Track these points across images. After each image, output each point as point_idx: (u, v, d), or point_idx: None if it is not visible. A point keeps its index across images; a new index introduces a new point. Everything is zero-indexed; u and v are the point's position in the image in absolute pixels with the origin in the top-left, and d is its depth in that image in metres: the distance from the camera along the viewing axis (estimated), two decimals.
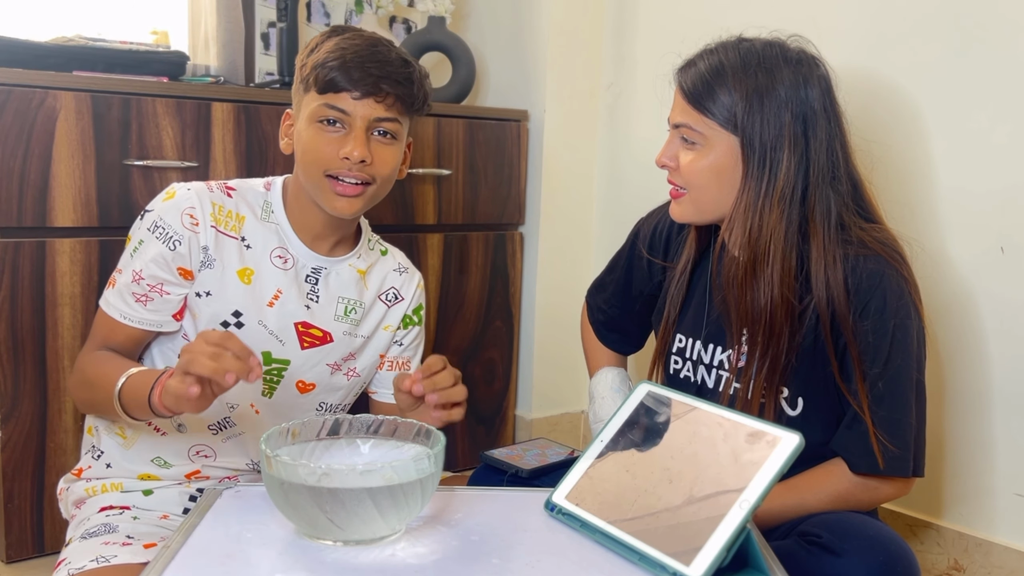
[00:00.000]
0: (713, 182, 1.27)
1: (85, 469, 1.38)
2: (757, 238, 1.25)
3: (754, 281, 1.27)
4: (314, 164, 1.29)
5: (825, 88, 1.27)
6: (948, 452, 1.71)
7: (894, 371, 1.23)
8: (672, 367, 1.43)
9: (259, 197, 1.37)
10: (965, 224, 1.65)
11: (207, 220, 1.30)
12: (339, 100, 1.27)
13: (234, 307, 1.32)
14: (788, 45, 1.29)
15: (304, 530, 0.93)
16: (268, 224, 1.35)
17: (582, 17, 2.28)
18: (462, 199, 2.17)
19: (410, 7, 2.39)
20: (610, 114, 2.32)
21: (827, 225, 1.25)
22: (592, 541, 0.95)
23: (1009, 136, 1.58)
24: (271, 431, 0.97)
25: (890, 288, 1.23)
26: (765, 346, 1.28)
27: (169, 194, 1.31)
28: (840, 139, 1.28)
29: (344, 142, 1.28)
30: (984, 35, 1.60)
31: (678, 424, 0.98)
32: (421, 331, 1.50)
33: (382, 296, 1.44)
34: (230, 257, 1.31)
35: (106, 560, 1.20)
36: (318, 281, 1.37)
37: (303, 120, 1.30)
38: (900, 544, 1.17)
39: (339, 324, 1.39)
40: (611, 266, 1.60)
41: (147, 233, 1.29)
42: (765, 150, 1.24)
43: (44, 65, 1.66)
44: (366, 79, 1.27)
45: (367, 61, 1.27)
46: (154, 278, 1.29)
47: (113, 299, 1.31)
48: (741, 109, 1.23)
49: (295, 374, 1.38)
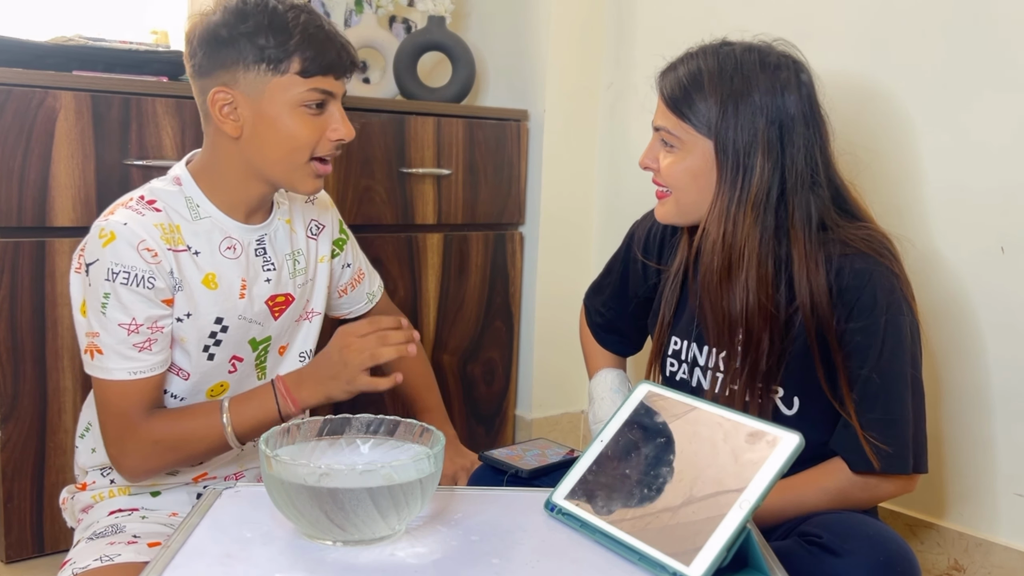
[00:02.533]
0: (692, 184, 1.29)
1: (90, 484, 1.37)
2: (731, 244, 1.26)
3: (729, 287, 1.27)
4: (301, 150, 1.26)
5: (805, 94, 1.27)
6: (948, 452, 1.71)
7: (888, 367, 1.23)
8: (668, 369, 1.44)
9: (178, 198, 1.29)
10: (964, 223, 1.65)
11: (161, 245, 1.24)
12: (327, 83, 1.26)
13: (213, 316, 1.30)
14: (770, 50, 1.29)
15: (304, 530, 0.93)
16: (201, 222, 1.29)
17: (582, 17, 2.28)
18: (462, 199, 2.17)
19: (410, 7, 2.39)
20: (610, 114, 2.32)
21: (808, 230, 1.25)
22: (592, 541, 0.95)
23: (1008, 135, 1.58)
24: (271, 431, 0.98)
25: (880, 285, 1.23)
26: (744, 351, 1.28)
27: (105, 236, 1.22)
28: (820, 144, 1.28)
29: (326, 123, 1.27)
30: (980, 35, 1.60)
31: (678, 424, 0.98)
32: (352, 240, 1.54)
33: (308, 233, 1.44)
34: (190, 272, 1.28)
35: (110, 559, 1.20)
36: (266, 250, 1.36)
37: (279, 104, 1.24)
38: (900, 544, 1.17)
39: (293, 280, 1.39)
40: (607, 269, 1.61)
41: (109, 284, 1.21)
42: (739, 156, 1.25)
43: (44, 65, 1.66)
44: (344, 58, 1.27)
45: (334, 37, 1.26)
46: (150, 319, 1.23)
47: (110, 363, 1.23)
48: (716, 115, 1.25)
49: (275, 344, 1.39)
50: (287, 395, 1.27)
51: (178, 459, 1.29)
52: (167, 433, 1.25)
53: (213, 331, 1.30)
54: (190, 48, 1.27)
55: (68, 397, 1.67)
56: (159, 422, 1.26)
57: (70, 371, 1.67)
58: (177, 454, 1.28)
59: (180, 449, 1.27)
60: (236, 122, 1.25)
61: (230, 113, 1.25)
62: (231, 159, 1.28)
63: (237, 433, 1.26)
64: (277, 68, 1.23)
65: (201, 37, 1.25)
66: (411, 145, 2.07)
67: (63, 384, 1.67)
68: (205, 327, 1.30)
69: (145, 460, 1.27)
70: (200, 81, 1.27)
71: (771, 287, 1.26)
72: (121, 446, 1.26)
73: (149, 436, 1.25)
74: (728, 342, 1.31)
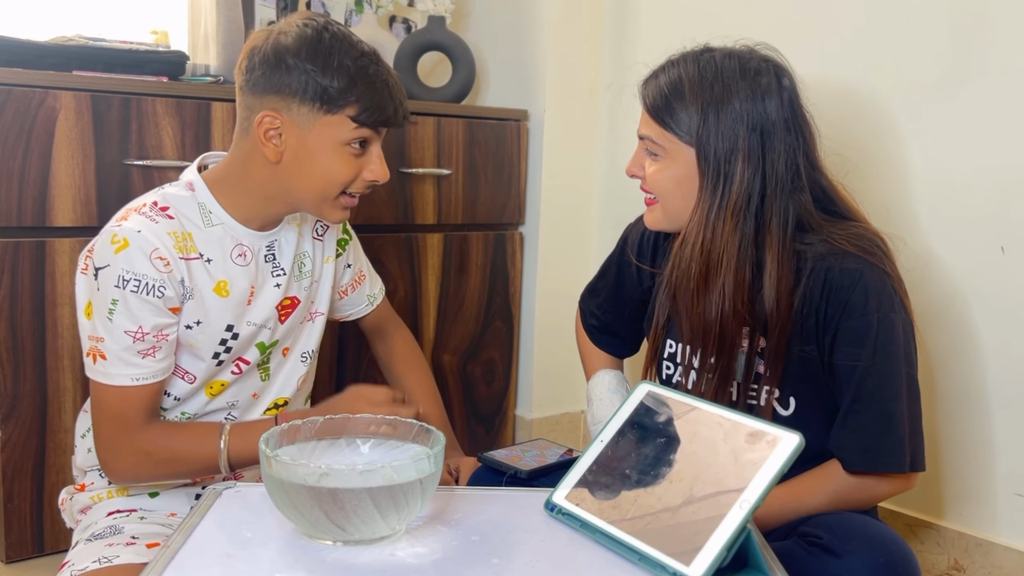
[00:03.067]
0: (676, 192, 1.30)
1: (88, 485, 1.37)
2: (710, 250, 1.26)
3: (706, 293, 1.27)
4: (336, 185, 1.27)
5: (787, 98, 1.27)
6: (948, 452, 1.71)
7: (882, 365, 1.23)
8: (664, 372, 1.44)
9: (191, 204, 1.28)
10: (959, 222, 1.65)
11: (174, 254, 1.24)
12: (379, 129, 1.27)
13: (224, 323, 1.30)
14: (751, 55, 1.29)
15: (304, 530, 0.93)
16: (213, 229, 1.29)
17: (582, 17, 2.28)
18: (462, 199, 2.17)
19: (410, 7, 2.39)
20: (610, 114, 2.32)
21: (783, 236, 1.25)
22: (592, 541, 0.95)
23: (1008, 135, 1.58)
24: (271, 431, 0.98)
25: (871, 284, 1.23)
26: (717, 357, 1.29)
27: (118, 243, 1.21)
28: (804, 149, 1.28)
29: (365, 163, 1.28)
30: (973, 34, 1.60)
31: (678, 424, 0.98)
32: (355, 241, 1.54)
33: (315, 234, 1.44)
34: (202, 279, 1.28)
35: (108, 560, 1.20)
36: (275, 256, 1.36)
37: (324, 141, 1.24)
38: (900, 544, 1.17)
39: (300, 283, 1.40)
40: (602, 271, 1.61)
41: (118, 291, 1.21)
42: (720, 163, 1.25)
43: (44, 65, 1.66)
44: (399, 115, 1.28)
45: (395, 94, 1.27)
46: (156, 327, 1.23)
47: (112, 368, 1.23)
48: (697, 123, 1.25)
49: (280, 345, 1.40)
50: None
51: (167, 473, 1.29)
52: (162, 447, 1.25)
53: (224, 338, 1.31)
54: (249, 62, 1.25)
55: (68, 397, 1.67)
56: (156, 433, 1.26)
57: (70, 371, 1.67)
58: (167, 468, 1.28)
59: (171, 464, 1.27)
60: (278, 147, 1.25)
61: (274, 137, 1.24)
62: (262, 180, 1.28)
63: (231, 460, 1.26)
64: (331, 109, 1.23)
65: (265, 56, 1.23)
66: (411, 145, 2.07)
67: (63, 384, 1.67)
68: (216, 334, 1.30)
69: (134, 468, 1.27)
70: (250, 98, 1.25)
71: (747, 293, 1.26)
72: (114, 450, 1.25)
73: (143, 445, 1.25)
74: (702, 348, 1.32)
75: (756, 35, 1.34)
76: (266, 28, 1.27)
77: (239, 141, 1.29)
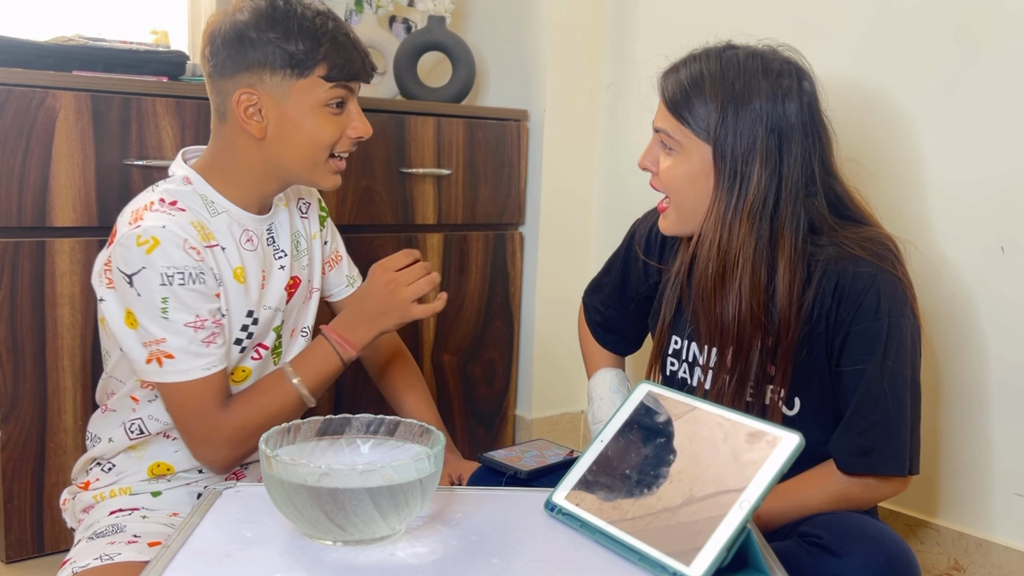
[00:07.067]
0: (688, 189, 1.29)
1: (93, 482, 1.37)
2: (726, 251, 1.25)
3: (723, 293, 1.27)
4: (323, 148, 1.29)
5: (806, 102, 1.26)
6: (948, 452, 1.71)
7: (890, 370, 1.23)
8: (669, 368, 1.44)
9: (193, 196, 1.29)
10: (964, 224, 1.65)
11: (200, 243, 1.24)
12: (351, 85, 1.29)
13: (245, 310, 1.32)
14: (773, 55, 1.28)
15: (304, 530, 0.93)
16: (219, 217, 1.29)
17: (582, 17, 2.28)
18: (462, 199, 2.17)
19: (410, 7, 2.39)
20: (610, 114, 2.32)
21: (795, 239, 1.25)
22: (592, 541, 0.95)
23: (1009, 135, 1.58)
24: (271, 431, 0.98)
25: (884, 288, 1.23)
26: (734, 359, 1.28)
27: (147, 243, 1.20)
28: (820, 153, 1.27)
29: (347, 121, 1.30)
30: (982, 37, 1.60)
31: (678, 424, 0.98)
32: (330, 219, 1.55)
33: (300, 212, 1.46)
34: (224, 267, 1.29)
35: (109, 558, 1.20)
36: (275, 239, 1.38)
37: (303, 106, 1.25)
38: (900, 545, 1.17)
39: (299, 262, 1.42)
40: (607, 267, 1.60)
41: (166, 288, 1.20)
42: (736, 163, 1.24)
43: (44, 65, 1.66)
44: (367, 65, 1.30)
45: (358, 45, 1.30)
46: (212, 312, 1.25)
47: (183, 364, 1.23)
48: (715, 120, 1.24)
49: (287, 327, 1.42)
50: (343, 341, 1.32)
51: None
52: (251, 420, 1.26)
53: (245, 324, 1.32)
54: (212, 47, 1.26)
55: (68, 397, 1.67)
56: (237, 412, 1.27)
57: (70, 371, 1.67)
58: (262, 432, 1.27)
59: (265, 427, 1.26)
60: (260, 123, 1.26)
61: (254, 114, 1.26)
62: (251, 159, 1.29)
63: (312, 391, 1.31)
64: (302, 72, 1.25)
65: (226, 37, 1.25)
66: (411, 145, 2.07)
67: (63, 384, 1.67)
68: (237, 321, 1.31)
69: (235, 449, 1.28)
70: (220, 81, 1.27)
71: (763, 295, 1.25)
72: (211, 444, 1.27)
73: (233, 429, 1.26)
74: (719, 350, 1.31)
75: (755, 35, 1.34)
76: (219, 11, 1.29)
77: (219, 129, 1.30)
